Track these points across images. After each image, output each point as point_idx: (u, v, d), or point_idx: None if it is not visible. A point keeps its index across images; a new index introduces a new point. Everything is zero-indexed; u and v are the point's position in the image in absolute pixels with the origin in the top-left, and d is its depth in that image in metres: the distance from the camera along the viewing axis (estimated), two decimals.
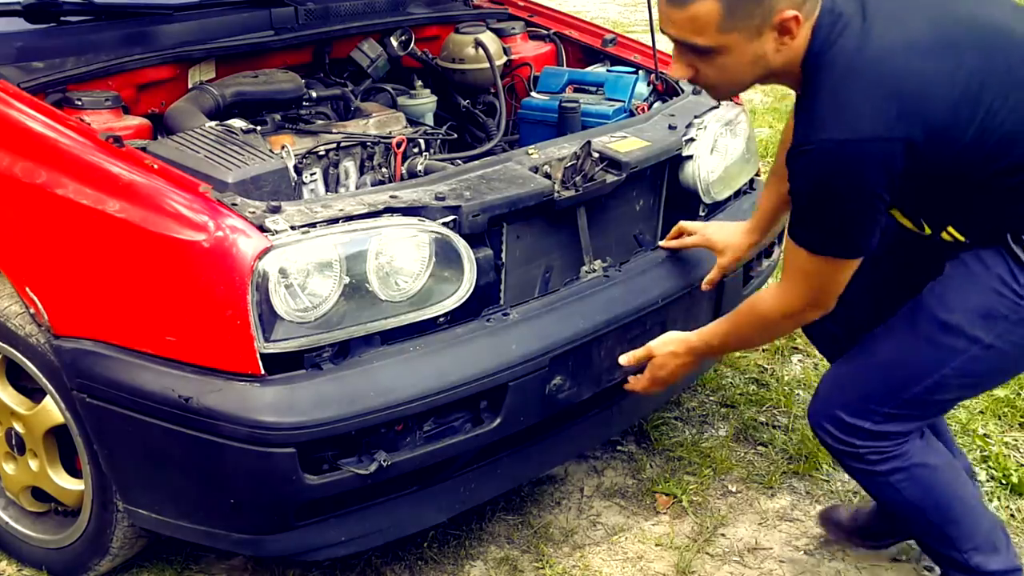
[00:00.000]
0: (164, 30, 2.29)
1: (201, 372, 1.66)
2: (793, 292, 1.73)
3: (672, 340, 1.97)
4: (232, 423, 1.61)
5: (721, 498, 2.47)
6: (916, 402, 1.79)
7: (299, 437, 1.62)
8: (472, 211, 1.81)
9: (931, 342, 1.74)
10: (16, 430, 2.05)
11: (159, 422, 1.69)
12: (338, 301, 1.65)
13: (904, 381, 1.78)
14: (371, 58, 2.59)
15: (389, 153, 2.29)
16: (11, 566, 2.18)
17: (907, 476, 1.85)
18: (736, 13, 1.48)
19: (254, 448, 1.62)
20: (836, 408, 1.84)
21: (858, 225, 1.59)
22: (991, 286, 1.68)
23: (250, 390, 1.62)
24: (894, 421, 1.81)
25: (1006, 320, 1.68)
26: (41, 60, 2.07)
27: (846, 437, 1.84)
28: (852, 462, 1.87)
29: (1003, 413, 2.85)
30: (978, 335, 1.70)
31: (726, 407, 2.86)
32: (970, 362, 1.72)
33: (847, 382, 1.87)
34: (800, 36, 1.54)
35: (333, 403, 1.64)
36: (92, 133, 1.80)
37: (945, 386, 1.77)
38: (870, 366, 1.84)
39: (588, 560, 2.24)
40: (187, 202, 1.65)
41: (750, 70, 1.58)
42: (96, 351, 1.75)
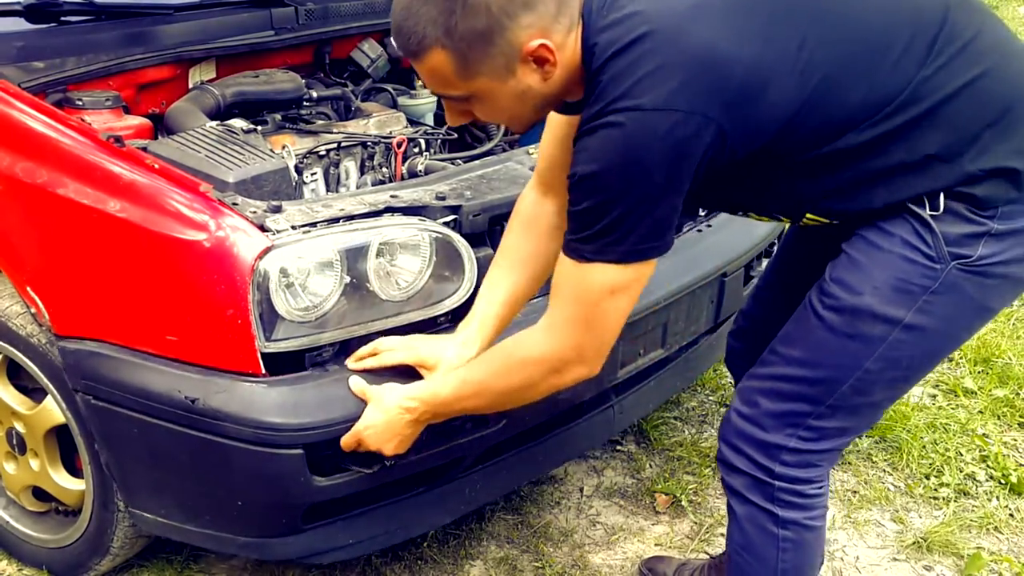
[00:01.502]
0: (164, 30, 2.29)
1: (206, 372, 1.65)
2: (564, 331, 1.46)
3: (389, 390, 1.62)
4: (239, 424, 1.61)
5: (721, 498, 2.47)
6: (844, 408, 1.55)
7: (306, 438, 1.62)
8: (473, 211, 1.81)
9: (844, 334, 1.50)
10: (17, 430, 2.05)
11: (164, 423, 1.68)
12: (339, 301, 1.65)
13: (825, 384, 1.54)
14: (371, 58, 2.59)
15: (389, 153, 2.29)
16: (11, 566, 2.18)
17: (797, 540, 1.64)
18: (470, 60, 1.33)
19: (261, 449, 1.62)
20: (753, 425, 1.60)
21: (667, 208, 1.36)
22: (899, 254, 1.45)
23: (256, 391, 1.62)
24: (823, 437, 1.58)
25: (924, 290, 1.45)
26: (42, 60, 2.06)
27: (765, 460, 1.60)
28: (754, 495, 1.63)
29: (1002, 413, 2.85)
30: (895, 314, 1.46)
31: (726, 407, 2.86)
32: (894, 348, 1.49)
33: (762, 396, 1.60)
34: (567, 53, 1.36)
35: (340, 403, 1.64)
36: (93, 133, 1.80)
37: (872, 382, 1.53)
38: (784, 375, 1.58)
39: (588, 560, 2.24)
40: (188, 202, 1.65)
41: (524, 105, 1.42)
42: (100, 352, 1.74)
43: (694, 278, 2.20)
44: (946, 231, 1.43)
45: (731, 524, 1.71)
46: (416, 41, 1.33)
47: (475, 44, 1.31)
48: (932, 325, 1.48)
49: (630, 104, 1.30)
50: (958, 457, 2.64)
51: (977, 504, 2.48)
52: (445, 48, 1.32)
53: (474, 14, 1.29)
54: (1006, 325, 3.32)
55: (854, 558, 2.28)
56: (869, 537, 2.35)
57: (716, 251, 2.29)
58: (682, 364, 2.36)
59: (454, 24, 1.30)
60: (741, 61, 1.33)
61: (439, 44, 1.32)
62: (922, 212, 1.43)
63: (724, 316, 2.38)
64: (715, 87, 1.32)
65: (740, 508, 1.67)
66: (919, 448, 2.65)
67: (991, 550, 2.32)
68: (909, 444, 2.65)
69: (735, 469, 1.65)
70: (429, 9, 1.30)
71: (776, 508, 1.63)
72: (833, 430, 1.58)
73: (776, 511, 1.63)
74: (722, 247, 2.32)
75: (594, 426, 2.18)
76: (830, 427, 1.57)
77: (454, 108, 1.45)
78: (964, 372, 3.04)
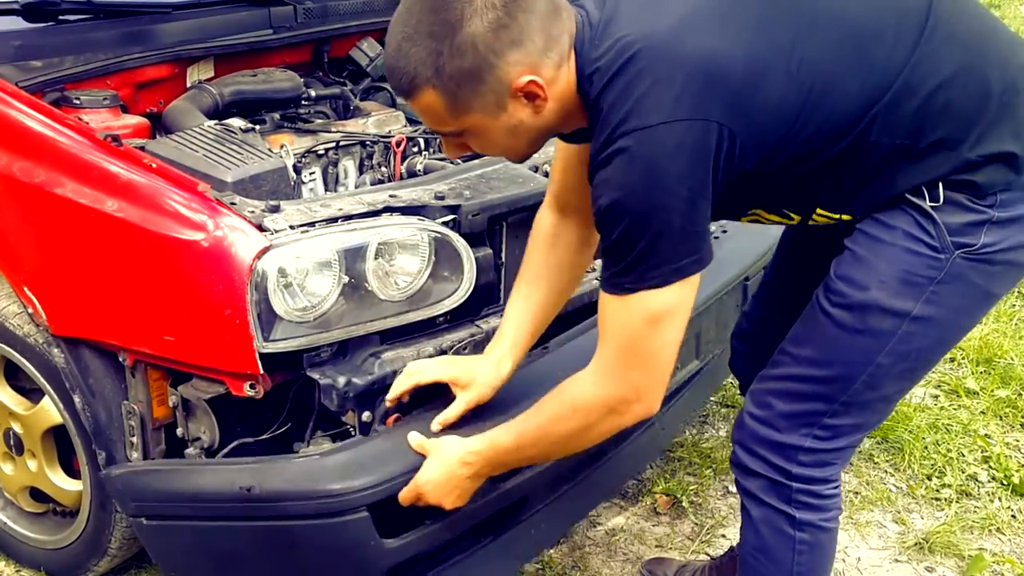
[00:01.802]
0: (162, 29, 2.28)
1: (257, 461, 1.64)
2: (615, 371, 1.43)
3: (448, 442, 1.59)
4: (299, 499, 1.58)
5: (721, 498, 2.47)
6: (857, 404, 1.55)
7: (370, 497, 1.57)
8: (472, 210, 1.80)
9: (853, 330, 1.50)
10: (14, 430, 2.04)
11: (223, 522, 1.65)
12: (337, 301, 1.64)
13: (838, 382, 1.54)
14: (370, 57, 2.58)
15: (388, 152, 2.28)
16: (9, 566, 2.17)
17: (813, 542, 1.64)
18: (460, 98, 1.34)
19: (326, 521, 1.57)
20: (767, 427, 1.60)
21: (698, 218, 1.34)
22: (902, 247, 1.45)
23: (311, 463, 1.60)
24: (838, 435, 1.58)
25: (930, 281, 1.45)
26: (39, 59, 2.06)
27: (781, 462, 1.60)
28: (770, 497, 1.63)
29: (1004, 414, 2.84)
30: (903, 307, 1.46)
31: (726, 407, 2.86)
32: (904, 341, 1.49)
33: (774, 397, 1.60)
34: (559, 87, 1.37)
35: (396, 458, 1.60)
36: (90, 132, 1.79)
37: (883, 376, 1.52)
38: (796, 375, 1.58)
39: (588, 560, 2.23)
40: (186, 201, 1.64)
41: (518, 139, 1.43)
42: (148, 469, 1.74)
43: (720, 285, 2.20)
44: (948, 221, 1.43)
45: (745, 526, 1.70)
46: (408, 81, 1.35)
47: (464, 83, 1.32)
48: (940, 315, 1.48)
49: (635, 125, 1.31)
50: (960, 458, 2.63)
51: (979, 505, 2.47)
52: (435, 88, 1.33)
53: (461, 54, 1.30)
54: (1008, 325, 3.31)
55: (856, 559, 2.27)
56: (871, 538, 2.35)
57: (737, 256, 2.31)
58: (709, 372, 2.36)
59: (442, 64, 1.31)
60: (736, 61, 1.33)
61: (430, 84, 1.33)
62: (922, 203, 1.43)
63: None
64: (714, 90, 1.32)
65: (756, 510, 1.66)
66: (921, 449, 2.64)
67: (993, 551, 2.32)
68: (911, 445, 2.65)
69: (750, 472, 1.64)
70: (419, 50, 1.31)
71: (793, 510, 1.63)
72: (848, 427, 1.58)
73: (793, 513, 1.63)
74: (742, 252, 2.33)
75: (642, 446, 2.18)
76: (845, 424, 1.57)
77: (450, 143, 1.47)
78: (966, 372, 3.04)
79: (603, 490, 2.18)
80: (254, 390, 1.64)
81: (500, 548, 1.86)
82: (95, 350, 1.80)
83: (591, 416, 1.48)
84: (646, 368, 1.43)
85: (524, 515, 1.87)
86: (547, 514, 1.94)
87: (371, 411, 1.66)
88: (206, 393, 1.71)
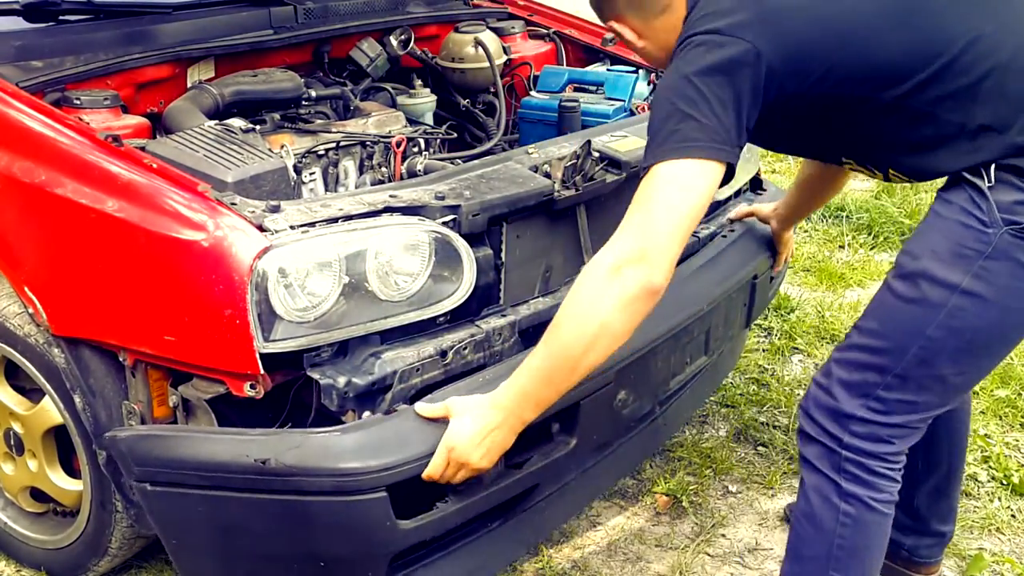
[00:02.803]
0: (163, 29, 2.28)
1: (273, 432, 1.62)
2: (622, 232, 1.51)
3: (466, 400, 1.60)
4: (317, 476, 1.55)
5: (721, 498, 2.47)
6: (911, 379, 1.60)
7: (389, 478, 1.56)
8: (472, 210, 1.81)
9: (906, 299, 1.59)
10: (15, 430, 2.04)
11: (235, 493, 1.62)
12: (337, 301, 1.64)
13: (891, 352, 1.60)
14: (370, 57, 2.59)
15: (389, 152, 2.29)
16: (10, 566, 2.17)
17: (858, 517, 1.67)
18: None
19: (343, 499, 1.55)
20: (827, 394, 1.67)
21: (709, 113, 1.49)
22: (955, 220, 1.54)
23: (331, 439, 1.57)
24: (892, 410, 1.62)
25: (979, 255, 1.52)
26: (40, 59, 2.06)
27: (835, 429, 1.66)
28: (823, 464, 1.69)
29: (1004, 413, 2.84)
30: (952, 279, 1.54)
31: (726, 407, 2.86)
32: (954, 316, 1.54)
33: (837, 366, 1.68)
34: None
35: (417, 438, 1.58)
36: (91, 132, 1.80)
37: (936, 352, 1.58)
38: (857, 345, 1.66)
39: (588, 560, 2.23)
40: (186, 201, 1.65)
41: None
42: (153, 433, 1.71)
43: (732, 282, 2.22)
44: (999, 199, 1.51)
45: (800, 493, 1.76)
46: None
47: None
48: (990, 294, 1.53)
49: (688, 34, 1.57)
50: None
51: (979, 505, 2.47)
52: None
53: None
54: None
55: None
56: None
57: (746, 254, 2.32)
58: (710, 371, 2.37)
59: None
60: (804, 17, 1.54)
61: None
62: (979, 182, 1.52)
63: (754, 317, 2.40)
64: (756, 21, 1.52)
65: (809, 477, 1.72)
66: None
67: (993, 551, 2.32)
68: None
69: (809, 438, 1.71)
70: None
71: (841, 479, 1.67)
72: (902, 403, 1.62)
73: (840, 482, 1.67)
74: (751, 250, 2.35)
75: (644, 440, 2.19)
76: (899, 399, 1.62)
77: None
78: None
79: (603, 482, 2.18)
80: (254, 390, 1.64)
81: (507, 533, 1.86)
82: (95, 350, 1.80)
83: (598, 287, 1.49)
84: (648, 226, 1.49)
85: (532, 501, 1.88)
86: (551, 501, 1.95)
87: (371, 411, 1.66)
88: (206, 393, 1.71)
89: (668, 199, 1.49)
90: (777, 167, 4.94)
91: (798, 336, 3.26)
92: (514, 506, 1.85)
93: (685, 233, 1.50)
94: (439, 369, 1.75)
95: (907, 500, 2.07)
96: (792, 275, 3.76)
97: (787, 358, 3.14)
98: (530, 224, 1.97)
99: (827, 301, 3.53)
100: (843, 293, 3.64)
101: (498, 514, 1.84)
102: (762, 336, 3.30)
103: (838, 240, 4.11)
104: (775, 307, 3.40)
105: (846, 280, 3.73)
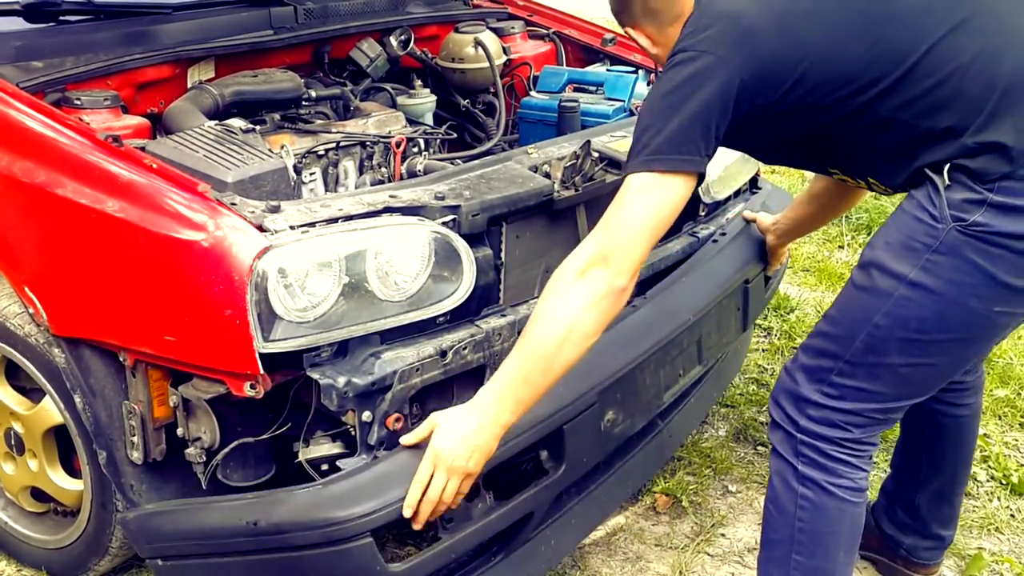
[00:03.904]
0: (163, 29, 2.28)
1: (260, 495, 1.66)
2: (591, 237, 1.60)
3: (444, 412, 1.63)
4: (304, 529, 1.59)
5: (721, 498, 2.47)
6: (862, 366, 1.65)
7: (371, 523, 1.58)
8: (471, 211, 1.81)
9: (859, 287, 1.66)
10: (15, 430, 2.04)
11: (234, 557, 1.67)
12: (337, 301, 1.64)
13: (843, 339, 1.66)
14: (370, 57, 2.59)
15: (388, 153, 2.29)
16: (10, 566, 2.18)
17: (817, 502, 1.71)
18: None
19: (331, 549, 1.58)
20: (790, 379, 1.74)
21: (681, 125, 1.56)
22: (911, 215, 1.60)
23: (312, 492, 1.61)
24: (844, 396, 1.67)
25: (927, 248, 1.57)
26: (40, 59, 2.06)
27: (793, 413, 1.72)
28: (783, 448, 1.74)
29: (1003, 413, 2.85)
30: (900, 269, 1.59)
31: (726, 407, 2.86)
32: (901, 305, 1.59)
33: (802, 352, 1.75)
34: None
35: (396, 483, 1.60)
36: (91, 133, 1.80)
37: (883, 340, 1.62)
38: (818, 331, 1.73)
39: (588, 560, 2.23)
40: (186, 202, 1.65)
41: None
42: (157, 511, 1.77)
43: (720, 289, 2.21)
44: (950, 197, 1.55)
45: (769, 479, 1.81)
46: None
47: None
48: (937, 287, 1.57)
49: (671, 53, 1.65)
50: None
51: (978, 504, 2.47)
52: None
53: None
54: None
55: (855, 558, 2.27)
56: None
57: (735, 259, 2.31)
58: (715, 375, 2.37)
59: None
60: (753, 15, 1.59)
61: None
62: (937, 180, 1.56)
63: (751, 321, 2.39)
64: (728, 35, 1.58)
65: (773, 462, 1.78)
66: None
67: (992, 550, 2.32)
68: None
69: (774, 423, 1.77)
70: None
71: (798, 463, 1.72)
72: (853, 390, 1.67)
73: (797, 466, 1.72)
74: (741, 254, 2.34)
75: (649, 455, 2.20)
76: (850, 386, 1.67)
77: None
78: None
79: (610, 503, 2.19)
80: (254, 390, 1.64)
81: (512, 566, 1.87)
82: (96, 350, 1.80)
83: (564, 287, 1.57)
84: (613, 229, 1.58)
85: (532, 532, 1.88)
86: (556, 529, 1.95)
87: (371, 411, 1.66)
88: (206, 393, 1.72)
89: (633, 207, 1.58)
90: (777, 168, 4.94)
91: (798, 336, 3.26)
92: (512, 537, 1.85)
93: (649, 238, 1.58)
94: (439, 369, 1.75)
95: (908, 498, 2.08)
96: (791, 275, 3.77)
97: (787, 358, 3.14)
98: (530, 224, 1.98)
99: (826, 301, 3.54)
100: None
101: (498, 548, 1.85)
102: (762, 336, 3.30)
103: (837, 240, 4.11)
104: (774, 307, 3.41)
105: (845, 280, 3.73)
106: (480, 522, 1.74)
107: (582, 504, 2.02)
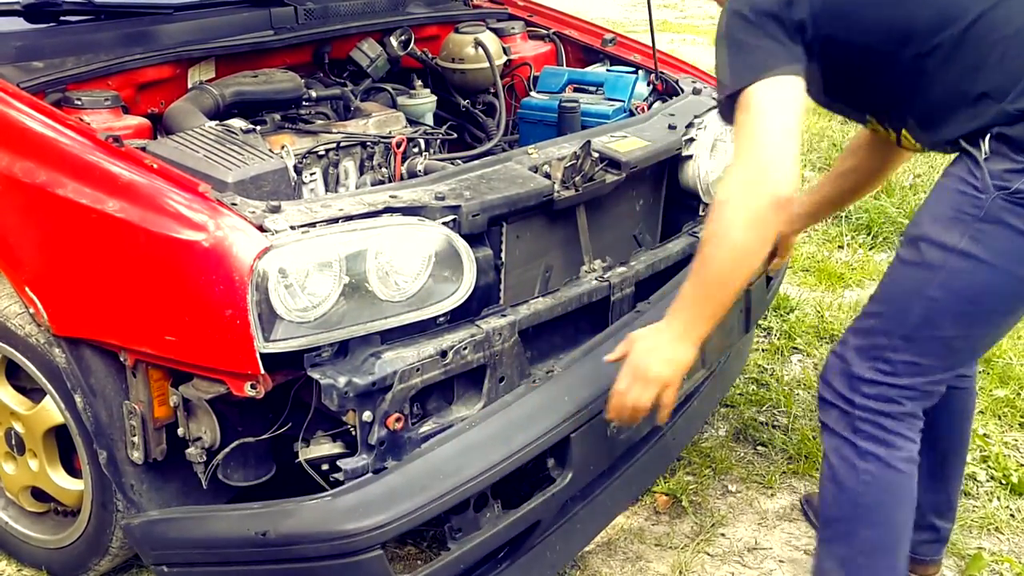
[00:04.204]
0: (164, 30, 2.28)
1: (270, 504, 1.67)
2: (739, 160, 1.65)
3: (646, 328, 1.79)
4: (315, 541, 1.60)
5: (721, 498, 2.47)
6: (916, 340, 1.69)
7: (382, 536, 1.59)
8: (472, 211, 1.81)
9: (908, 263, 1.70)
10: (16, 430, 2.05)
11: (242, 567, 1.68)
12: (338, 301, 1.65)
13: (897, 316, 1.70)
14: (371, 58, 2.59)
15: (389, 153, 2.29)
16: (11, 566, 2.18)
17: (879, 475, 1.74)
18: None
19: (341, 562, 1.59)
20: (841, 360, 1.77)
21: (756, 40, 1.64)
22: (954, 188, 1.65)
23: (323, 505, 1.61)
24: (899, 372, 1.71)
25: (973, 219, 1.61)
26: (41, 60, 2.06)
27: (848, 392, 1.75)
28: (839, 426, 1.77)
29: (1003, 413, 2.85)
30: (949, 241, 1.63)
31: (726, 407, 2.86)
32: (953, 277, 1.64)
33: (852, 334, 1.78)
34: None
35: (406, 495, 1.62)
36: (92, 133, 1.80)
37: (939, 312, 1.67)
38: (868, 312, 1.77)
39: (588, 560, 2.23)
40: (187, 202, 1.65)
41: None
42: (164, 517, 1.77)
43: None
44: (992, 167, 1.60)
45: (824, 460, 1.82)
46: None
47: None
48: (987, 257, 1.62)
49: None
50: None
51: (978, 504, 2.48)
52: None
53: None
54: None
55: None
56: None
57: None
58: (715, 380, 2.36)
59: None
60: None
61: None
62: (976, 152, 1.62)
63: (753, 322, 2.39)
64: None
65: (829, 441, 1.80)
66: None
67: (992, 550, 2.32)
68: None
69: (826, 403, 1.79)
70: None
71: (857, 439, 1.75)
72: (908, 364, 1.71)
73: (857, 441, 1.75)
74: None
75: (653, 459, 2.21)
76: (904, 360, 1.70)
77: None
78: None
79: (615, 508, 2.19)
80: (255, 390, 1.64)
81: (515, 573, 1.87)
82: (96, 350, 1.81)
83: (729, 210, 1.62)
84: (759, 145, 1.61)
85: (538, 539, 1.89)
86: (561, 535, 1.96)
87: (371, 411, 1.66)
88: (207, 393, 1.72)
89: (767, 114, 1.61)
90: None
91: (797, 336, 3.27)
92: (519, 545, 1.86)
93: (794, 141, 1.61)
94: (439, 369, 1.75)
95: None
96: (791, 275, 3.77)
97: (786, 358, 3.15)
98: (530, 224, 1.98)
99: (826, 301, 3.54)
100: (842, 293, 3.65)
101: (505, 555, 1.86)
102: (762, 336, 3.30)
103: (837, 240, 4.11)
104: (774, 307, 3.41)
105: (845, 280, 3.74)
106: (488, 531, 1.75)
107: (587, 509, 2.02)
